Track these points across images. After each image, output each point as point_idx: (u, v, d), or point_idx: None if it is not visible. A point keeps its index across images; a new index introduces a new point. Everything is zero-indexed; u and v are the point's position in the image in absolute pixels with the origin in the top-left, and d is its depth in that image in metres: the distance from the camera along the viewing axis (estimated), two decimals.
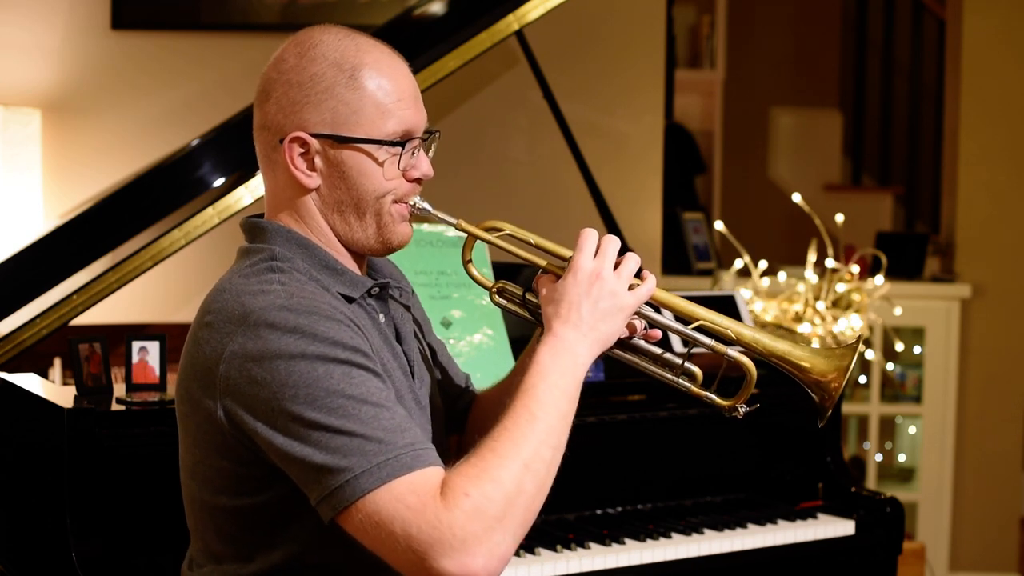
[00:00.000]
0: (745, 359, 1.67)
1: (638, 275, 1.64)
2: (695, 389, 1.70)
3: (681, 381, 1.70)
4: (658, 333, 1.70)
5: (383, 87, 1.60)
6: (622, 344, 1.68)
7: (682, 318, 1.69)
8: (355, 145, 1.59)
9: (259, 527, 1.56)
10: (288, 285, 1.55)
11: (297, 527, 1.54)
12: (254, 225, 1.67)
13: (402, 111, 1.61)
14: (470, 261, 1.74)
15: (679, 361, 1.70)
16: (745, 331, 1.68)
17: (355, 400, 1.44)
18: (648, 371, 1.70)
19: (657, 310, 1.70)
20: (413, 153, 1.64)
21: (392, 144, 1.60)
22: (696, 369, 1.71)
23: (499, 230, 1.70)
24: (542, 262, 1.68)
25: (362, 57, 1.60)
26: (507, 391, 1.58)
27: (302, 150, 1.60)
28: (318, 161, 1.61)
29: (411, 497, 1.40)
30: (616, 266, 1.61)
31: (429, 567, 1.38)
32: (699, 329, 1.68)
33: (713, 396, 1.69)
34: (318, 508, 1.44)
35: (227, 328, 1.51)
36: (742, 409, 1.69)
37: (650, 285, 1.64)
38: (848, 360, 1.66)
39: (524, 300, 1.72)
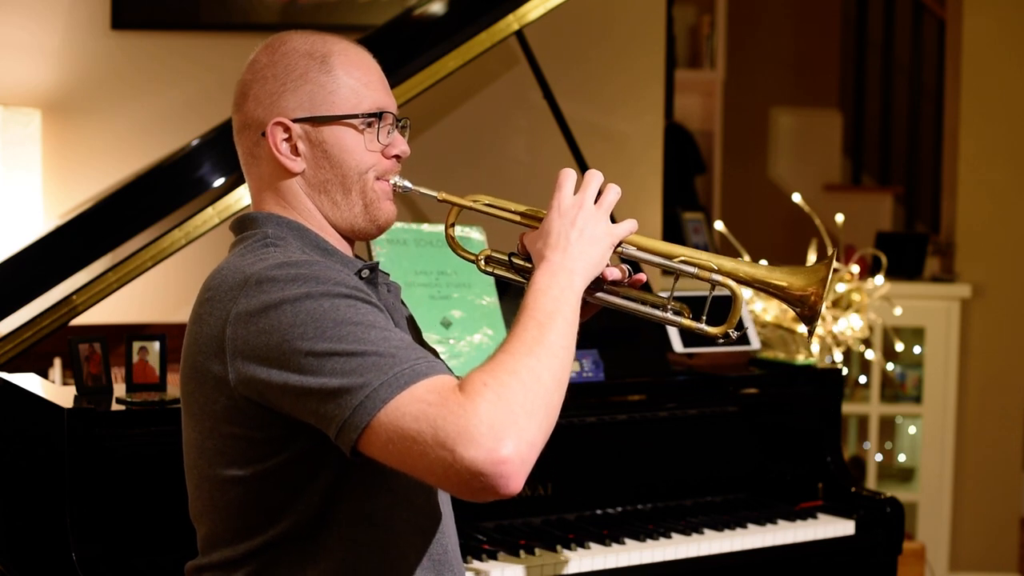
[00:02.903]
0: (731, 281, 1.71)
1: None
2: (685, 321, 1.75)
3: (670, 316, 1.76)
4: (643, 277, 1.76)
5: (354, 71, 1.69)
6: (610, 289, 1.74)
7: (665, 256, 1.74)
8: (335, 122, 1.67)
9: (268, 497, 1.57)
10: (285, 252, 1.61)
11: (307, 493, 1.56)
12: (243, 217, 1.73)
13: (374, 91, 1.70)
14: (453, 225, 1.81)
15: (666, 295, 1.77)
16: (725, 261, 1.73)
17: (363, 326, 1.48)
18: (638, 312, 1.76)
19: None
20: (389, 132, 1.71)
21: (369, 117, 1.68)
22: (683, 304, 1.77)
23: (479, 201, 1.77)
24: (524, 220, 1.74)
25: (330, 47, 1.70)
26: None
27: (285, 135, 1.68)
28: (301, 145, 1.68)
29: (432, 395, 1.41)
30: (597, 200, 1.67)
31: (460, 459, 1.37)
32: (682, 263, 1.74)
33: (703, 325, 1.74)
34: (339, 438, 1.45)
35: (229, 295, 1.55)
36: (734, 334, 1.73)
37: (632, 222, 1.70)
38: (823, 273, 1.71)
39: (511, 263, 1.76)
